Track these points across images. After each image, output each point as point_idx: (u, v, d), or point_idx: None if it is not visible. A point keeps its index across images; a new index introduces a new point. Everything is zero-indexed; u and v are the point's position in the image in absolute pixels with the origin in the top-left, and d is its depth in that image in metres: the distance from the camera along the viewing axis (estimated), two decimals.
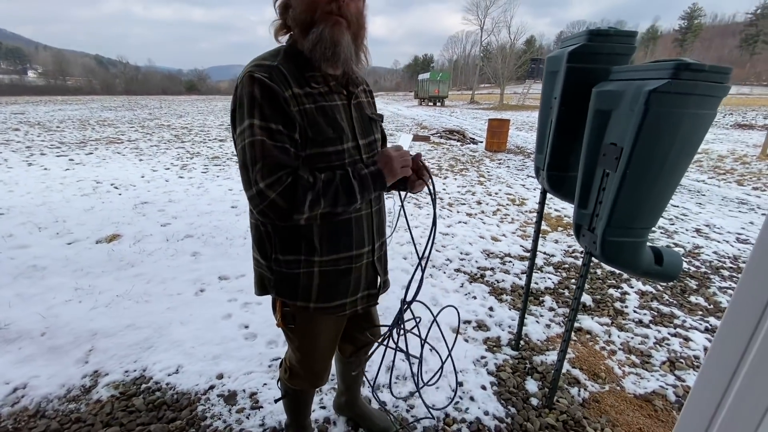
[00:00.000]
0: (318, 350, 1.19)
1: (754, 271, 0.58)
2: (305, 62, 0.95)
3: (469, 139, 11.08)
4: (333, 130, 0.97)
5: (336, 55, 0.92)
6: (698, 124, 1.15)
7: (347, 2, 0.91)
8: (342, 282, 1.09)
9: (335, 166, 0.98)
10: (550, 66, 1.66)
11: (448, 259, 3.36)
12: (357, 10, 0.95)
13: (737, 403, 0.61)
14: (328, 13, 0.90)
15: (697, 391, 0.68)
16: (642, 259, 1.38)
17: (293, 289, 1.07)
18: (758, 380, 0.58)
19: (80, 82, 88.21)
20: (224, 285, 2.75)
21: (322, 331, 1.16)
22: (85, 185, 5.48)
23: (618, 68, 1.36)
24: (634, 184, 1.22)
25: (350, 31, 0.94)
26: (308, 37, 0.91)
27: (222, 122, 15.77)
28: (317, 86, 0.96)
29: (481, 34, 50.01)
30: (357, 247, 1.08)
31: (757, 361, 0.57)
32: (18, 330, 2.22)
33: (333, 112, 0.98)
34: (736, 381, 0.61)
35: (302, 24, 0.92)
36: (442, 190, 5.71)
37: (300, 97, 0.92)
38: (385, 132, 1.25)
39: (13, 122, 14.35)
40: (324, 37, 0.90)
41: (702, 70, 1.09)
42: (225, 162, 7.39)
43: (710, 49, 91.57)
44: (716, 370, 0.64)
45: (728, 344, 0.62)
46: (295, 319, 1.12)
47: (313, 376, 1.25)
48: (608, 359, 2.15)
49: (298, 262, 1.04)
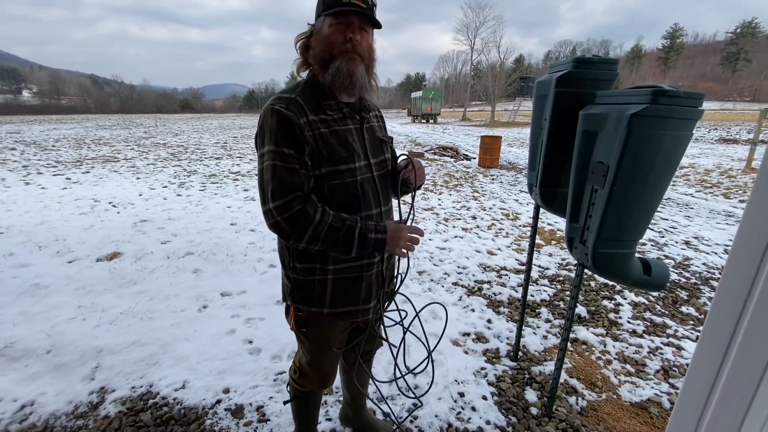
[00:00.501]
0: (327, 353, 1.27)
1: (730, 278, 0.66)
2: (323, 93, 1.09)
3: (462, 155, 11.29)
4: (345, 150, 1.08)
5: (352, 84, 1.05)
6: (677, 144, 1.25)
7: (359, 40, 1.04)
8: (353, 289, 1.17)
9: (348, 182, 1.09)
10: (539, 90, 1.78)
11: (446, 273, 3.43)
12: (368, 45, 1.09)
13: (721, 403, 0.69)
14: (344, 51, 1.04)
15: (684, 394, 0.75)
16: (632, 269, 1.47)
17: (308, 296, 1.16)
18: (739, 381, 0.65)
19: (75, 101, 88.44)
20: (226, 301, 2.78)
21: (332, 335, 1.24)
22: (84, 204, 5.51)
23: (602, 93, 1.47)
24: (621, 199, 1.31)
25: (363, 64, 1.07)
26: (328, 72, 1.05)
27: (217, 140, 15.91)
28: (332, 113, 1.09)
29: (471, 53, 51.28)
30: (368, 256, 1.16)
31: (737, 363, 0.65)
32: (23, 348, 2.24)
33: (345, 135, 1.10)
34: (719, 383, 0.69)
35: (322, 61, 1.06)
36: (437, 205, 5.82)
37: (315, 123, 1.05)
38: (395, 152, 1.36)
39: (8, 141, 14.37)
40: (341, 70, 1.03)
41: (678, 96, 1.20)
42: (222, 180, 7.46)
43: (693, 67, 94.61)
44: (701, 373, 0.72)
45: (710, 350, 0.70)
46: (307, 324, 1.21)
47: (321, 377, 1.32)
48: (604, 368, 2.21)
49: (313, 269, 1.13)
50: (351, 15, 1.02)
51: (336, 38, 1.03)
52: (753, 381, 0.64)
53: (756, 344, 0.63)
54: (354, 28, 1.04)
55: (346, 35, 1.03)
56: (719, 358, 0.70)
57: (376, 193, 1.18)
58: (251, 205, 5.58)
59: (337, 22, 1.03)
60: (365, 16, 1.04)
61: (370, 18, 1.05)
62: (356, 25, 1.04)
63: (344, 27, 1.03)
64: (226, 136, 18.44)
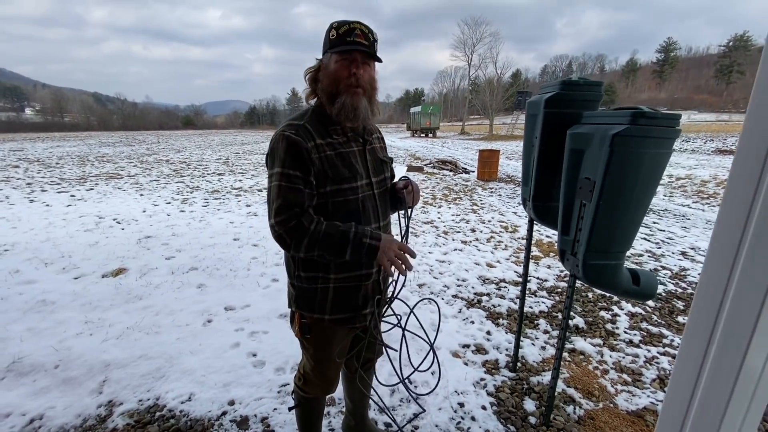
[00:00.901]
0: (330, 359, 1.34)
1: (706, 285, 0.74)
2: (330, 120, 1.20)
3: (461, 168, 11.43)
4: (348, 171, 1.19)
5: (356, 117, 1.17)
6: (657, 161, 1.34)
7: (362, 74, 1.15)
8: (352, 297, 1.26)
9: (350, 199, 1.19)
10: (530, 110, 1.88)
11: (445, 286, 3.49)
12: (370, 77, 1.19)
13: (702, 403, 0.75)
14: (349, 86, 1.15)
15: (669, 395, 0.82)
16: (621, 279, 1.54)
17: (311, 303, 1.25)
18: (718, 382, 0.72)
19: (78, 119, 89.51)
20: (231, 315, 2.84)
21: (334, 342, 1.32)
22: (88, 221, 5.59)
23: (588, 113, 1.57)
24: (607, 213, 1.39)
25: (366, 96, 1.19)
26: (334, 105, 1.16)
27: (219, 156, 16.10)
28: (337, 137, 1.20)
29: (468, 69, 52.25)
30: (366, 268, 1.25)
31: (714, 367, 0.72)
32: (31, 363, 2.29)
33: (349, 156, 1.21)
34: (700, 384, 0.76)
35: (329, 94, 1.17)
36: (437, 219, 5.90)
37: (322, 146, 1.16)
38: (394, 171, 1.46)
39: (12, 159, 14.54)
40: (346, 105, 1.15)
41: (655, 117, 1.29)
42: (224, 195, 7.56)
43: (688, 80, 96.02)
44: (684, 374, 0.78)
45: (690, 353, 0.77)
46: (311, 330, 1.28)
47: (325, 383, 1.39)
48: (601, 378, 2.26)
49: (316, 278, 1.23)
50: (355, 52, 1.13)
51: (341, 73, 1.15)
52: (730, 380, 0.71)
53: (730, 349, 0.71)
54: (357, 63, 1.15)
55: (350, 70, 1.14)
56: (698, 363, 0.77)
57: (376, 209, 1.27)
58: (254, 220, 5.66)
59: (342, 58, 1.14)
60: (367, 52, 1.15)
61: (371, 54, 1.17)
62: (359, 61, 1.15)
63: (349, 63, 1.14)
64: (228, 152, 18.66)
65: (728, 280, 0.72)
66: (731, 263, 0.72)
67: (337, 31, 1.13)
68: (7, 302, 3.04)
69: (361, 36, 1.13)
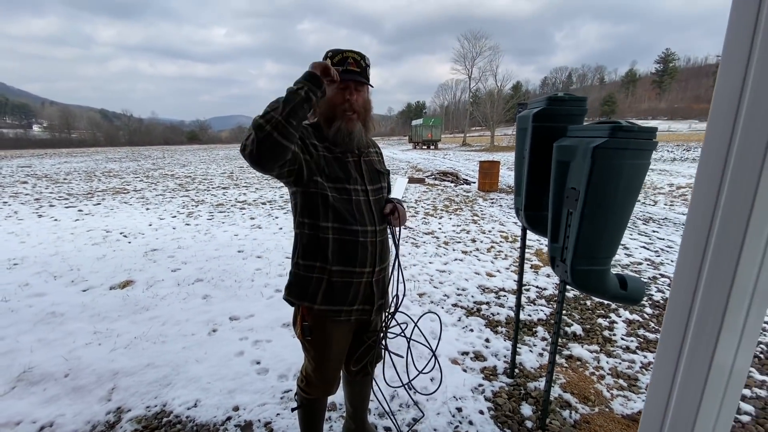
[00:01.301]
0: (329, 359, 1.42)
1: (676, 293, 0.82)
2: (327, 138, 1.31)
3: (462, 180, 11.54)
4: (343, 173, 1.30)
5: (351, 140, 1.28)
6: (635, 172, 1.42)
7: (356, 99, 1.26)
8: (343, 291, 1.34)
9: (345, 198, 1.29)
10: (520, 124, 1.98)
11: (445, 295, 3.54)
12: (363, 100, 1.30)
13: (679, 400, 0.82)
14: (344, 111, 1.26)
15: (650, 393, 0.89)
16: (608, 284, 1.61)
17: (304, 292, 1.33)
18: (692, 378, 0.79)
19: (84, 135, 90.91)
20: (235, 325, 2.91)
21: (333, 343, 1.40)
22: (96, 235, 5.71)
23: (573, 127, 1.66)
24: (591, 221, 1.47)
25: (360, 119, 1.29)
26: (331, 128, 1.27)
27: (224, 170, 16.32)
28: (335, 148, 1.31)
29: (469, 82, 52.87)
30: (360, 266, 1.34)
31: (688, 364, 0.79)
32: (41, 373, 2.36)
33: (345, 164, 1.32)
34: (676, 381, 0.83)
35: (326, 118, 1.29)
36: (438, 229, 5.97)
37: (319, 147, 1.27)
38: (390, 182, 1.56)
39: (20, 175, 14.82)
40: (342, 130, 1.26)
41: (632, 131, 1.38)
42: (229, 209, 7.68)
43: (687, 89, 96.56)
44: (661, 371, 0.86)
45: (666, 353, 0.84)
46: (312, 332, 1.36)
47: (325, 383, 1.46)
48: (597, 383, 2.30)
49: (313, 267, 1.32)
50: (349, 80, 1.24)
51: (336, 100, 1.26)
52: (702, 376, 0.78)
53: (701, 346, 0.78)
54: (351, 90, 1.26)
55: (344, 96, 1.25)
56: (674, 361, 0.85)
57: (371, 212, 1.36)
58: (257, 233, 5.76)
59: (338, 86, 1.25)
60: (360, 81, 1.26)
61: (364, 79, 1.27)
62: (352, 88, 1.26)
63: (343, 90, 1.25)
64: (232, 166, 18.90)
65: (696, 281, 0.80)
66: (699, 265, 0.80)
67: (331, 60, 1.24)
68: (18, 314, 3.12)
69: (354, 64, 1.24)
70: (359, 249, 1.33)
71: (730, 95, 0.70)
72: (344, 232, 1.30)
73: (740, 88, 0.68)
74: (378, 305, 1.45)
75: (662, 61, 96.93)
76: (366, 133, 1.34)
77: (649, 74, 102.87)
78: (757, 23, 0.64)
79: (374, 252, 1.37)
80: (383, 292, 1.48)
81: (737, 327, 0.77)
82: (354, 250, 1.32)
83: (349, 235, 1.31)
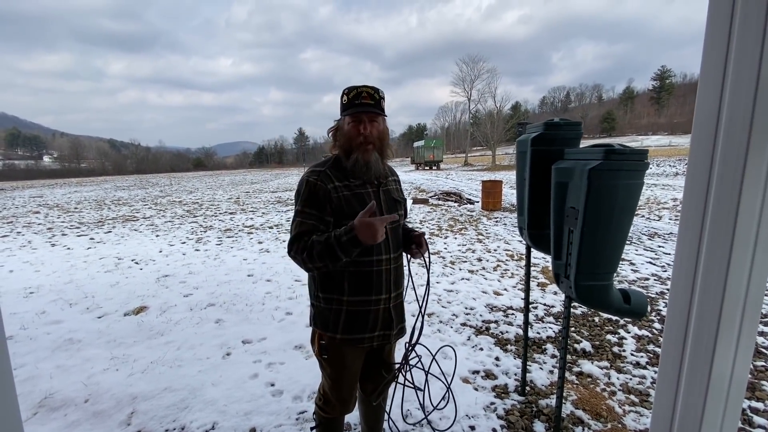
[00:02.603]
0: (345, 378, 1.48)
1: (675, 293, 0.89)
2: (346, 169, 1.40)
3: (465, 199, 11.66)
4: (361, 207, 1.37)
5: (368, 171, 1.38)
6: (630, 192, 1.51)
7: (370, 131, 1.36)
8: (362, 320, 1.41)
9: None
10: (519, 147, 2.09)
11: (454, 315, 3.58)
12: (378, 131, 1.39)
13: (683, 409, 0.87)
14: (359, 144, 1.36)
15: (655, 407, 0.94)
16: (612, 299, 1.67)
17: (326, 322, 1.42)
18: (694, 389, 0.84)
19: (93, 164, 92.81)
20: (248, 348, 2.96)
21: (348, 363, 1.46)
22: (108, 262, 5.83)
23: (569, 150, 1.77)
24: (591, 238, 1.55)
25: (376, 149, 1.39)
26: (349, 160, 1.38)
27: (230, 196, 16.58)
28: (354, 181, 1.40)
29: (468, 103, 53.89)
30: (376, 294, 1.41)
31: (689, 374, 0.84)
32: (62, 398, 2.41)
33: (363, 196, 1.40)
34: (679, 393, 0.87)
35: (344, 150, 1.40)
36: (443, 249, 6.03)
37: (340, 188, 1.37)
38: (407, 208, 1.65)
39: (32, 205, 15.14)
40: (359, 161, 1.36)
41: (625, 153, 1.48)
42: (237, 233, 7.81)
43: (686, 105, 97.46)
44: (664, 383, 0.90)
45: (667, 365, 0.89)
46: (328, 351, 1.44)
47: (341, 402, 1.51)
48: (609, 399, 2.31)
49: (331, 300, 1.40)
50: (362, 113, 1.35)
51: (353, 133, 1.37)
52: (703, 385, 0.82)
53: (700, 357, 0.83)
54: (365, 123, 1.36)
55: (359, 129, 1.36)
56: (676, 372, 0.90)
57: (387, 241, 1.43)
58: (266, 256, 5.85)
59: (353, 120, 1.37)
60: (373, 112, 1.36)
61: (378, 110, 1.37)
62: (367, 120, 1.36)
63: (358, 123, 1.36)
64: (238, 191, 19.21)
65: (690, 296, 0.86)
66: (692, 277, 0.86)
67: (347, 96, 1.36)
68: (36, 342, 3.20)
69: (367, 97, 1.35)
70: (374, 277, 1.39)
71: (709, 113, 0.77)
72: (359, 263, 1.37)
73: (717, 106, 0.75)
74: (398, 329, 1.51)
75: (659, 78, 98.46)
76: (383, 161, 1.43)
77: (646, 91, 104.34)
78: (729, 45, 0.73)
79: (389, 279, 1.44)
80: (401, 317, 1.55)
81: (732, 337, 0.82)
82: (368, 279, 1.39)
83: (364, 266, 1.37)
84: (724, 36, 0.74)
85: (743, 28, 0.70)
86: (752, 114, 0.72)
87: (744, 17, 0.70)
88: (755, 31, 0.69)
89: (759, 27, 0.69)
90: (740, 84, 0.72)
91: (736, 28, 0.71)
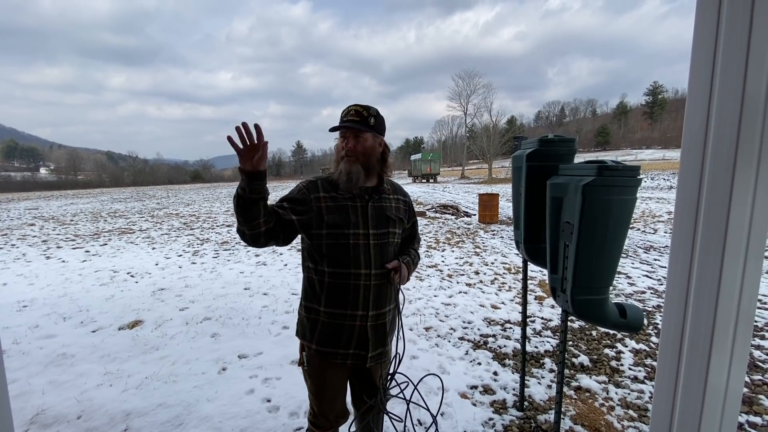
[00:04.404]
0: (325, 392, 1.50)
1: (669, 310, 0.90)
2: (336, 184, 1.44)
3: (462, 212, 11.70)
4: (341, 219, 1.40)
5: (349, 179, 1.39)
6: (623, 206, 1.54)
7: (353, 145, 1.39)
8: (336, 333, 1.42)
9: (342, 243, 1.39)
10: (515, 163, 2.13)
11: (451, 329, 3.57)
12: (363, 148, 1.41)
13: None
14: (344, 157, 1.41)
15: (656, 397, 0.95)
16: (608, 313, 1.68)
17: (305, 331, 1.48)
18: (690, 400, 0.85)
19: (90, 177, 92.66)
20: (244, 363, 2.93)
21: (327, 378, 1.48)
22: (103, 275, 5.78)
23: (563, 166, 1.80)
24: (586, 252, 1.57)
25: (359, 162, 1.40)
26: (337, 171, 1.42)
27: (228, 208, 16.55)
28: (343, 194, 1.42)
29: (465, 117, 54.58)
30: (351, 308, 1.41)
31: (685, 386, 0.85)
32: (54, 415, 2.37)
33: (348, 209, 1.41)
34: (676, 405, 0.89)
35: (336, 164, 1.45)
36: (441, 262, 6.03)
37: (325, 198, 1.41)
38: (415, 229, 1.69)
39: (27, 218, 15.03)
40: (342, 171, 1.40)
41: (617, 169, 1.52)
42: (234, 246, 7.78)
43: (678, 119, 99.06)
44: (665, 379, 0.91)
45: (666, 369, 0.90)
46: (309, 362, 1.48)
47: (323, 416, 1.53)
48: (608, 414, 2.30)
49: (311, 309, 1.46)
50: (346, 130, 1.40)
51: (338, 148, 1.43)
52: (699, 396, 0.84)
53: (695, 368, 0.84)
54: (349, 139, 1.40)
55: (343, 144, 1.41)
56: (672, 383, 0.91)
57: (368, 256, 1.41)
58: (263, 269, 5.83)
59: (340, 136, 1.44)
60: (357, 128, 1.38)
61: (364, 126, 1.38)
62: (351, 137, 1.40)
63: (343, 138, 1.42)
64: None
65: (684, 309, 0.88)
66: (685, 290, 0.88)
67: (341, 114, 1.42)
68: (29, 356, 3.15)
69: (355, 114, 1.38)
70: (351, 291, 1.39)
71: (697, 129, 0.79)
72: (337, 275, 1.39)
73: (705, 123, 0.78)
74: (376, 352, 1.46)
75: (651, 94, 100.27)
76: (367, 176, 1.43)
77: (639, 105, 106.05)
78: (715, 64, 0.75)
79: (367, 296, 1.41)
80: (382, 340, 1.48)
81: (726, 349, 0.83)
82: (345, 293, 1.39)
83: (341, 279, 1.39)
84: (709, 55, 0.77)
85: (728, 47, 0.74)
86: (738, 129, 0.74)
87: (728, 37, 0.73)
88: (739, 49, 0.72)
89: (742, 46, 0.72)
90: (726, 101, 0.75)
91: (721, 48, 0.74)
